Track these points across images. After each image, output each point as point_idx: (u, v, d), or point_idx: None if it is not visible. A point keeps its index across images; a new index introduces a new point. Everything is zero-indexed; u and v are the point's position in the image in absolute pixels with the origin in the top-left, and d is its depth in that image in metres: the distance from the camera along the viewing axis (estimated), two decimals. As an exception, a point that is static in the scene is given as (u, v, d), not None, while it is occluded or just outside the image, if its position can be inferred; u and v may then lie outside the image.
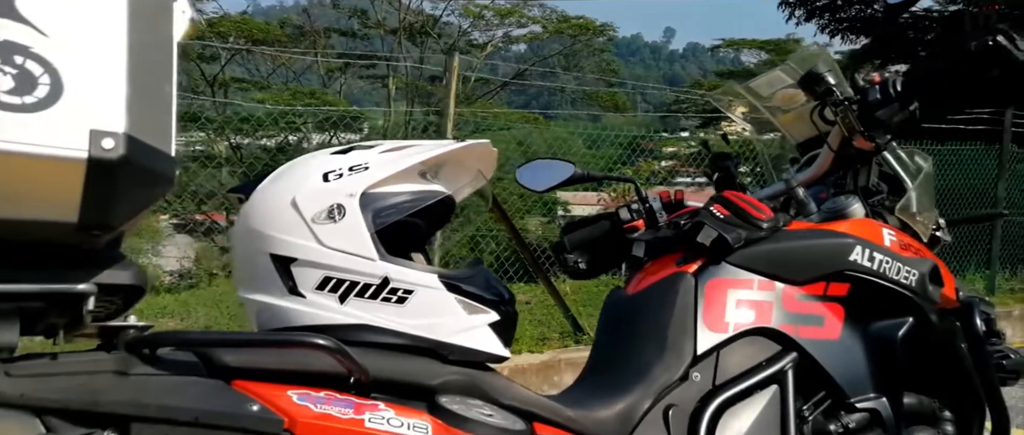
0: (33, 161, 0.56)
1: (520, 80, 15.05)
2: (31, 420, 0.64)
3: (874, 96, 1.20)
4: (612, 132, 7.09)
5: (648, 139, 8.63)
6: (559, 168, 1.50)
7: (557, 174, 1.48)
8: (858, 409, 1.09)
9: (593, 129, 7.89)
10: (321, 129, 7.84)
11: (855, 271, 1.12)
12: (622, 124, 16.93)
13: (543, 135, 9.40)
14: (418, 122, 10.50)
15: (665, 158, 8.82)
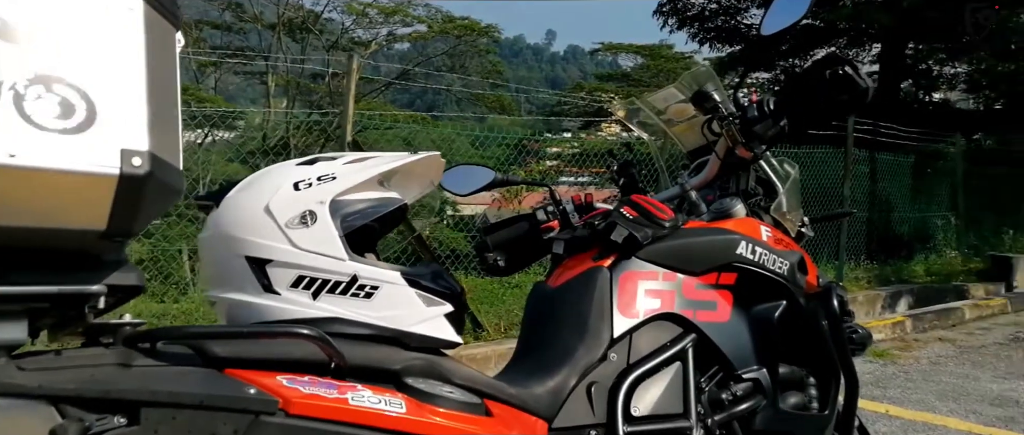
0: (72, 177, 0.63)
1: (407, 79, 14.98)
2: (48, 409, 0.69)
3: (752, 113, 1.41)
4: (498, 133, 7.24)
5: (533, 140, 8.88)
6: (480, 173, 1.63)
7: (479, 179, 1.61)
8: (744, 379, 1.28)
9: (479, 130, 8.01)
10: (191, 126, 7.52)
11: (741, 263, 1.31)
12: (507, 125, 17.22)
13: (429, 135, 9.45)
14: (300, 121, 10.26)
15: (549, 158, 9.10)
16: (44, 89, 0.62)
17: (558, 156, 9.12)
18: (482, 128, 13.05)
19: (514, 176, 1.74)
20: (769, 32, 1.42)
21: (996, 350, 4.90)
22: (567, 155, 8.74)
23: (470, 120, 18.39)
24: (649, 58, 25.13)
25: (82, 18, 0.65)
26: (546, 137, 11.08)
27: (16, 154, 0.60)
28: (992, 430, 3.20)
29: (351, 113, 3.78)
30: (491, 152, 6.71)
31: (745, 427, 1.27)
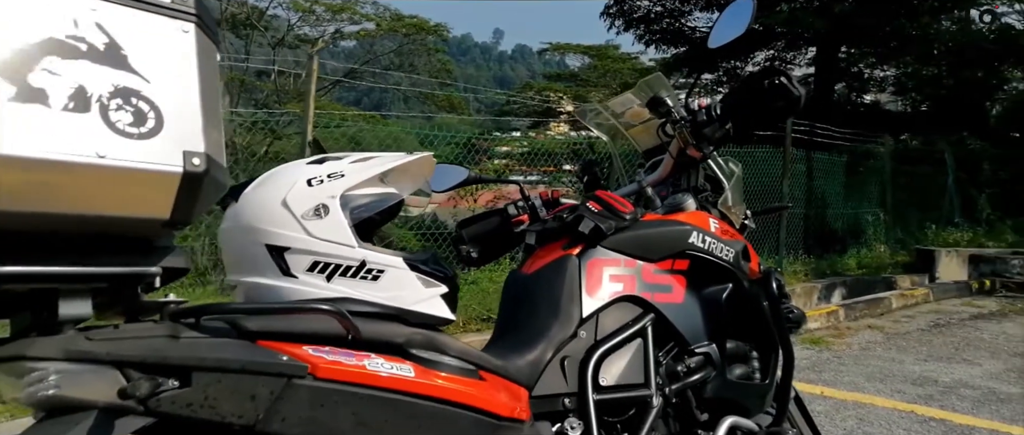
0: (145, 174, 0.73)
1: (355, 78, 14.90)
2: (114, 372, 0.79)
3: (702, 117, 1.57)
4: (447, 132, 7.33)
5: (482, 139, 9.00)
6: (455, 172, 1.76)
7: (454, 176, 1.74)
8: (697, 353, 1.44)
9: (427, 128, 8.07)
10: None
11: (693, 251, 1.47)
12: (455, 124, 17.29)
13: (377, 134, 9.48)
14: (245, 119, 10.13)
15: (499, 157, 9.25)
16: (123, 101, 0.73)
17: (508, 155, 9.27)
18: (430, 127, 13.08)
19: (487, 175, 1.87)
20: (716, 45, 1.58)
21: (919, 335, 5.27)
22: (517, 154, 8.89)
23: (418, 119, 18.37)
24: (597, 58, 25.48)
25: (149, 41, 0.76)
26: (495, 136, 11.22)
27: (105, 155, 0.71)
28: (913, 406, 3.49)
29: (312, 113, 3.85)
30: (440, 151, 6.76)
31: (698, 395, 1.43)
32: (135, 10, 0.76)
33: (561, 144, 8.39)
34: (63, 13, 0.71)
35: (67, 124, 0.69)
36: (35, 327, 0.81)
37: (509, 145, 10.35)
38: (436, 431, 1.00)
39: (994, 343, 5.00)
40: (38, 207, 0.70)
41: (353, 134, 7.96)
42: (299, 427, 0.89)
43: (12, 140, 0.66)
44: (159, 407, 0.81)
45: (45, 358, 0.77)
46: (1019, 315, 6.16)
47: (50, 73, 0.69)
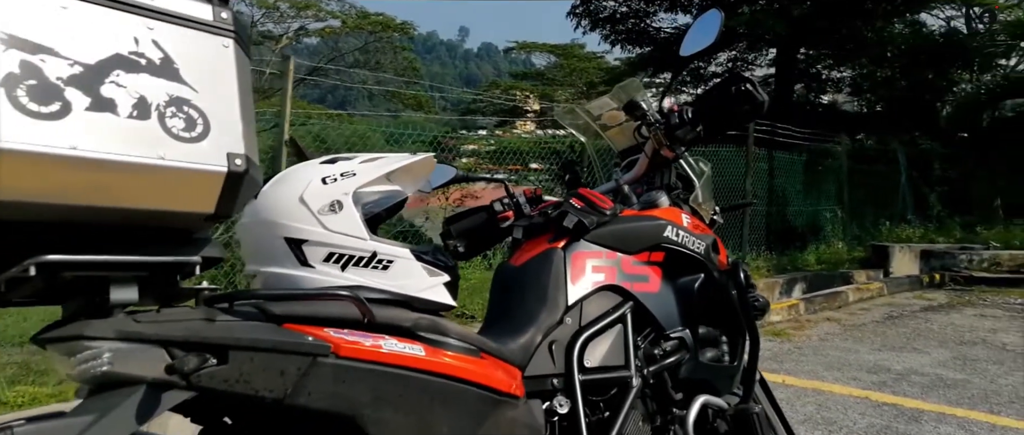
0: (195, 173, 0.82)
1: (319, 76, 14.86)
2: (160, 351, 0.87)
3: (675, 120, 1.69)
4: (414, 130, 7.40)
5: (449, 137, 9.08)
6: (443, 170, 1.86)
7: (442, 175, 1.84)
8: (671, 338, 1.56)
9: (394, 126, 8.09)
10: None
11: (668, 244, 1.59)
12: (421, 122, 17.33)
13: (342, 132, 9.48)
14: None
15: (466, 155, 9.32)
16: (176, 109, 0.81)
17: (475, 154, 9.34)
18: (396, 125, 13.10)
19: (473, 173, 1.97)
20: (687, 53, 1.70)
21: (874, 327, 5.52)
22: (483, 152, 8.97)
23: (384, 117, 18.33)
24: (562, 57, 25.72)
25: (196, 55, 0.85)
26: (462, 134, 11.30)
27: (164, 157, 0.80)
28: (868, 392, 3.69)
29: (288, 112, 3.90)
30: (406, 150, 6.79)
31: (673, 376, 1.55)
32: (184, 28, 0.85)
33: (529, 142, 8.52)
34: (126, 32, 0.80)
35: (133, 129, 0.78)
36: (87, 311, 0.89)
37: (476, 143, 10.44)
38: (444, 404, 1.10)
39: (942, 333, 5.27)
40: (103, 202, 0.79)
41: (318, 132, 7.98)
42: (323, 401, 0.98)
43: (89, 144, 0.75)
44: (199, 382, 0.90)
45: (100, 337, 0.86)
46: (966, 307, 6.47)
47: (117, 85, 0.78)
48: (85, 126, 0.75)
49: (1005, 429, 3.21)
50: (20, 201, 0.73)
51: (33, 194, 0.74)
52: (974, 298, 6.95)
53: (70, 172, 0.75)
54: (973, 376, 4.08)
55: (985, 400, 3.63)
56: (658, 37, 14.89)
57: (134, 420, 0.86)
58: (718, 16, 1.65)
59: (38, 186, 0.73)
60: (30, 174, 0.72)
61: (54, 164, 0.73)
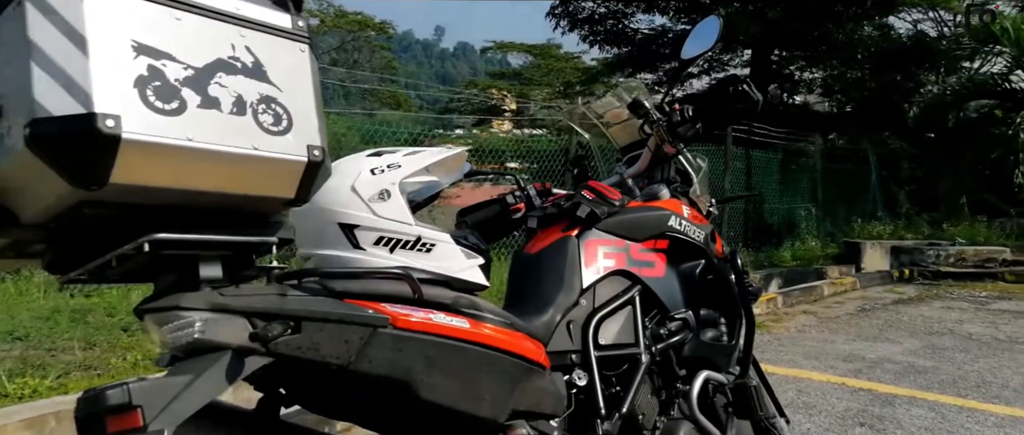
0: (281, 162, 0.93)
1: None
2: (243, 321, 0.97)
3: (676, 118, 1.83)
4: (390, 128, 7.45)
5: (427, 136, 9.15)
6: None
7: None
8: (676, 319, 1.70)
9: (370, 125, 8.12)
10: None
11: (671, 232, 1.73)
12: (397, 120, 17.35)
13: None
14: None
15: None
16: (266, 106, 0.93)
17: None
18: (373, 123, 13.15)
19: (485, 168, 2.09)
20: (688, 56, 1.84)
21: (847, 319, 5.74)
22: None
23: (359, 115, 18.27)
24: (540, 57, 25.84)
25: (279, 59, 0.95)
26: (437, 133, 11.38)
27: (258, 148, 0.91)
28: (844, 379, 3.88)
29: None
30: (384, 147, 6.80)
31: (677, 354, 1.69)
32: (269, 35, 0.96)
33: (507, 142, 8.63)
34: (225, 39, 0.91)
35: (233, 124, 0.89)
36: (177, 286, 0.99)
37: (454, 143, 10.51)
38: (486, 371, 1.22)
39: (912, 324, 5.51)
40: (207, 187, 0.90)
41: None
42: (382, 367, 1.10)
43: (201, 136, 0.86)
44: (277, 349, 1.00)
45: (193, 308, 0.96)
46: (934, 300, 6.74)
47: (220, 85, 0.89)
48: (197, 121, 0.86)
49: (972, 410, 3.42)
50: (144, 185, 0.84)
51: (155, 179, 0.85)
52: (941, 292, 7.22)
53: (185, 160, 0.86)
54: (941, 363, 4.30)
55: (953, 385, 3.84)
56: (636, 38, 15.09)
57: (225, 380, 0.97)
58: (717, 21, 1.79)
59: (160, 172, 0.85)
60: (156, 161, 0.83)
61: (174, 153, 0.84)
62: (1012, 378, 3.98)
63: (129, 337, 3.83)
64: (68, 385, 3.09)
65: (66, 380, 3.17)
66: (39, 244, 0.98)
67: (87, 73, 0.78)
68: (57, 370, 3.22)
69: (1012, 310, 6.12)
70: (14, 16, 0.79)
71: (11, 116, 0.80)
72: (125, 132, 0.79)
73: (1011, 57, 8.53)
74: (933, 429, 3.19)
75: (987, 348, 4.71)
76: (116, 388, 0.90)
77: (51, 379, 3.11)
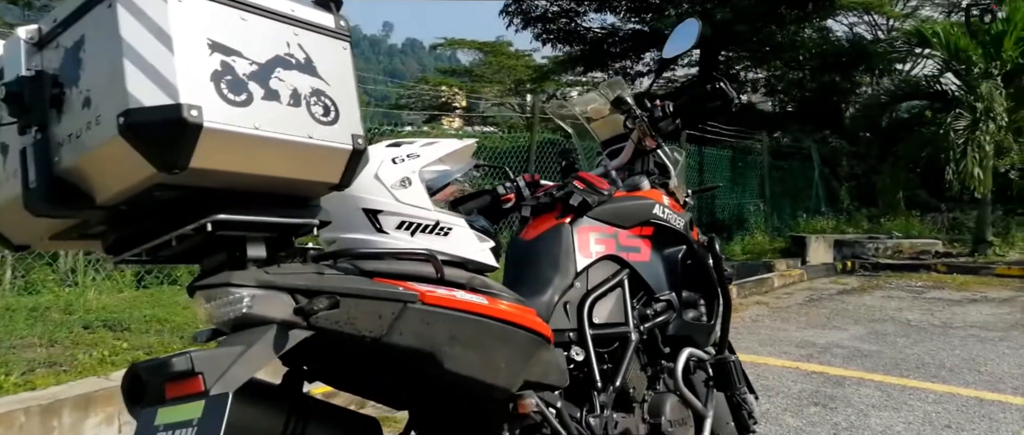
0: (330, 150, 1.00)
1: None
2: (287, 296, 1.04)
3: (657, 113, 1.95)
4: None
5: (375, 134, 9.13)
6: None
7: None
8: (660, 300, 1.82)
9: None
10: None
11: (656, 220, 1.85)
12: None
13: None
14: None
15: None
16: (317, 98, 1.00)
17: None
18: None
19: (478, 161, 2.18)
20: (669, 55, 1.97)
21: (797, 309, 6.02)
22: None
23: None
24: (491, 55, 25.87)
25: (326, 55, 1.03)
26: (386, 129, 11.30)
27: (312, 137, 0.99)
28: (798, 364, 4.11)
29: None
30: None
31: (662, 332, 1.81)
32: (317, 34, 1.04)
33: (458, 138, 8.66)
34: (281, 37, 0.99)
35: (290, 114, 0.97)
36: (226, 265, 1.06)
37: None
38: (502, 343, 1.32)
39: (857, 313, 5.82)
40: (266, 171, 0.97)
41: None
42: (411, 340, 1.18)
43: (265, 125, 0.93)
44: (317, 323, 1.08)
45: (243, 285, 1.03)
46: (875, 290, 7.11)
47: (279, 79, 0.97)
48: (262, 112, 0.94)
49: (913, 389, 3.68)
50: (215, 170, 0.91)
51: (226, 164, 0.92)
52: (881, 282, 7.62)
53: (252, 147, 0.93)
54: (884, 347, 4.58)
55: (896, 367, 4.11)
56: (588, 36, 15.32)
57: (272, 351, 1.04)
58: (697, 24, 1.92)
59: (231, 158, 0.92)
60: (228, 148, 0.91)
61: (243, 141, 0.92)
62: (947, 359, 4.27)
63: (91, 334, 3.80)
64: (35, 381, 3.05)
65: (32, 376, 3.13)
66: (100, 226, 1.03)
67: (173, 68, 0.85)
68: (21, 367, 3.17)
69: (945, 299, 6.51)
70: (103, 17, 0.86)
71: (100, 106, 0.87)
72: (206, 121, 0.86)
73: (942, 60, 9.02)
74: (880, 406, 3.42)
75: (924, 333, 5.03)
76: (180, 356, 0.96)
77: (16, 376, 3.07)
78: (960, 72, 8.68)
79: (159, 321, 4.06)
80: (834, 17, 16.57)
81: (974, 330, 5.09)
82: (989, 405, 3.44)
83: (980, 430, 3.10)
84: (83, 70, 0.90)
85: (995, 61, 8.34)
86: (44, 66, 0.94)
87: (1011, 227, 10.42)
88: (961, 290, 6.98)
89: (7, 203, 0.99)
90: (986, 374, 3.98)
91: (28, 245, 1.09)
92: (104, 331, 3.88)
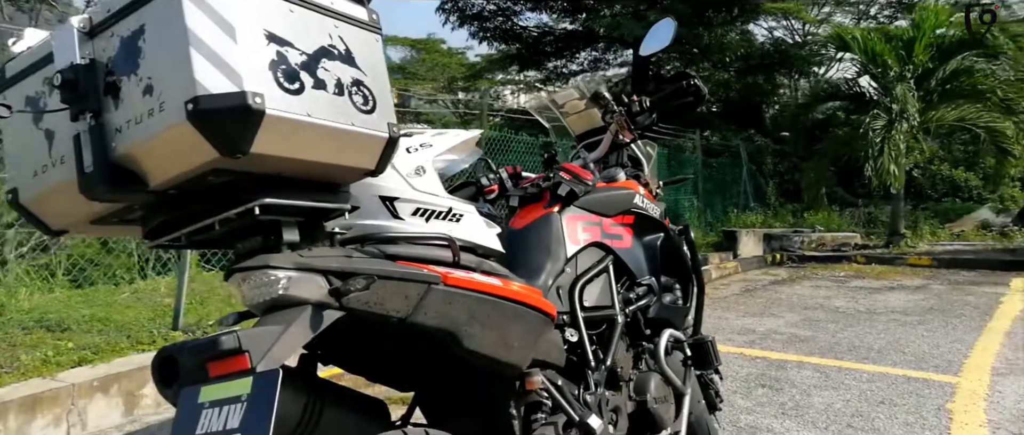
0: (370, 137, 1.05)
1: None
2: (321, 277, 1.07)
3: (635, 108, 2.06)
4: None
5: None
6: None
7: None
8: (642, 284, 1.92)
9: None
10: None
11: (636, 209, 1.96)
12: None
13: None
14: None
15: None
16: (356, 88, 1.04)
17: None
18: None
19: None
20: (645, 54, 2.08)
21: (735, 299, 6.30)
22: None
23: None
24: (424, 52, 25.75)
25: (362, 47, 1.07)
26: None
27: (355, 124, 1.03)
28: (741, 349, 4.32)
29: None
30: None
31: (643, 315, 1.92)
32: (354, 26, 1.08)
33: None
34: (324, 29, 1.03)
35: (335, 103, 1.01)
36: (262, 249, 1.09)
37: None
38: (515, 322, 1.39)
39: (790, 301, 6.14)
40: (312, 157, 1.01)
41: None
42: (434, 319, 1.23)
43: (315, 112, 0.97)
44: (349, 303, 1.12)
45: (281, 267, 1.06)
46: (804, 280, 7.50)
47: (325, 69, 1.01)
48: (312, 100, 0.98)
49: (848, 369, 3.93)
50: (269, 154, 0.95)
51: (280, 149, 0.96)
52: (808, 272, 8.04)
53: (304, 134, 0.97)
54: (818, 333, 4.86)
55: (830, 350, 4.38)
56: (524, 35, 15.46)
57: (310, 330, 1.07)
58: (672, 24, 2.03)
59: (285, 143, 0.96)
60: (284, 134, 0.94)
61: (297, 127, 0.96)
62: (875, 342, 4.58)
63: (29, 334, 3.66)
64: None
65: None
66: (141, 211, 1.05)
67: (238, 57, 0.88)
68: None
69: (866, 287, 6.93)
70: (167, 7, 0.89)
71: (164, 93, 0.89)
72: (268, 109, 0.90)
73: (860, 63, 9.57)
74: (820, 386, 3.65)
75: (852, 319, 5.36)
76: (227, 335, 0.99)
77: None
78: (876, 75, 9.22)
79: (100, 320, 3.94)
80: (755, 21, 17.25)
81: (895, 315, 5.46)
82: (916, 382, 3.72)
83: (910, 405, 3.36)
84: (143, 59, 0.92)
85: (908, 65, 8.90)
86: (96, 55, 0.95)
87: (919, 220, 11.15)
88: (879, 279, 7.44)
89: (51, 188, 1.00)
90: (909, 354, 4.29)
91: (65, 231, 1.09)
92: (42, 332, 3.75)
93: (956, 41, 9.12)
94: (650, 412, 1.78)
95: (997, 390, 3.58)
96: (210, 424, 0.97)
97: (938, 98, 8.98)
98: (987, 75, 9.12)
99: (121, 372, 3.16)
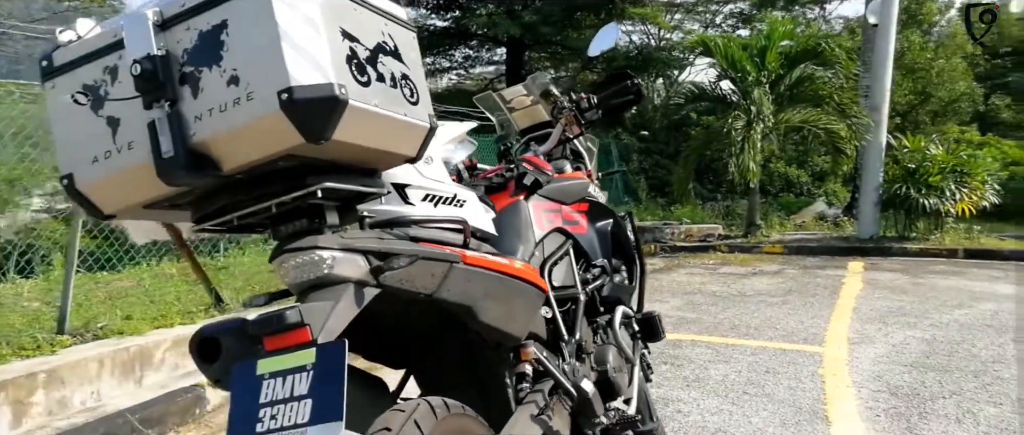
0: (415, 127, 1.12)
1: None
2: (362, 257, 1.12)
3: (583, 104, 2.23)
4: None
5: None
6: None
7: None
8: (596, 266, 2.10)
9: None
10: None
11: (589, 197, 2.13)
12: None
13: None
14: None
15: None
16: (405, 81, 1.12)
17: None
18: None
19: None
20: (593, 54, 2.25)
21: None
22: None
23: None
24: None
25: (404, 44, 1.15)
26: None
27: (407, 115, 1.11)
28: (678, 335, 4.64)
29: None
30: None
31: (599, 294, 2.09)
32: (397, 25, 1.16)
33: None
34: (378, 27, 1.10)
35: (391, 94, 1.08)
36: (306, 231, 1.14)
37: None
38: (518, 296, 1.50)
39: (671, 287, 6.62)
40: (370, 144, 1.07)
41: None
42: (455, 296, 1.32)
43: (380, 103, 1.04)
44: (384, 281, 1.19)
45: (328, 247, 1.12)
46: (679, 268, 8.07)
47: (382, 63, 1.08)
48: (376, 91, 1.05)
49: (734, 345, 4.36)
50: (341, 141, 1.01)
51: (353, 137, 1.02)
52: (681, 261, 8.65)
53: (371, 122, 1.05)
54: (702, 315, 5.31)
55: (715, 329, 4.81)
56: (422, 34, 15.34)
57: (356, 306, 1.14)
58: (616, 28, 2.22)
59: (358, 131, 1.03)
60: (358, 123, 1.01)
61: (368, 116, 1.03)
62: (751, 321, 5.08)
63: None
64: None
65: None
66: (190, 196, 1.07)
67: (323, 51, 0.95)
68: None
69: (734, 273, 7.59)
70: (254, 5, 0.94)
71: (252, 84, 0.93)
72: (351, 99, 0.97)
73: (721, 68, 10.39)
74: (714, 361, 4.03)
75: (728, 301, 5.88)
76: (290, 310, 1.04)
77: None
78: (736, 79, 10.05)
79: None
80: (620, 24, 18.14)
81: (762, 297, 6.05)
82: (791, 354, 4.19)
83: (791, 372, 3.80)
84: (227, 51, 0.95)
85: (763, 71, 9.78)
86: (169, 46, 0.98)
87: (769, 212, 12.26)
88: (743, 265, 8.15)
89: (117, 174, 1.01)
90: (781, 330, 4.80)
91: (114, 215, 1.09)
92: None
93: (800, 50, 10.13)
94: (610, 380, 1.95)
95: (855, 356, 4.11)
96: (274, 393, 1.01)
97: (787, 101, 9.93)
98: (826, 82, 10.19)
99: (7, 380, 2.95)
